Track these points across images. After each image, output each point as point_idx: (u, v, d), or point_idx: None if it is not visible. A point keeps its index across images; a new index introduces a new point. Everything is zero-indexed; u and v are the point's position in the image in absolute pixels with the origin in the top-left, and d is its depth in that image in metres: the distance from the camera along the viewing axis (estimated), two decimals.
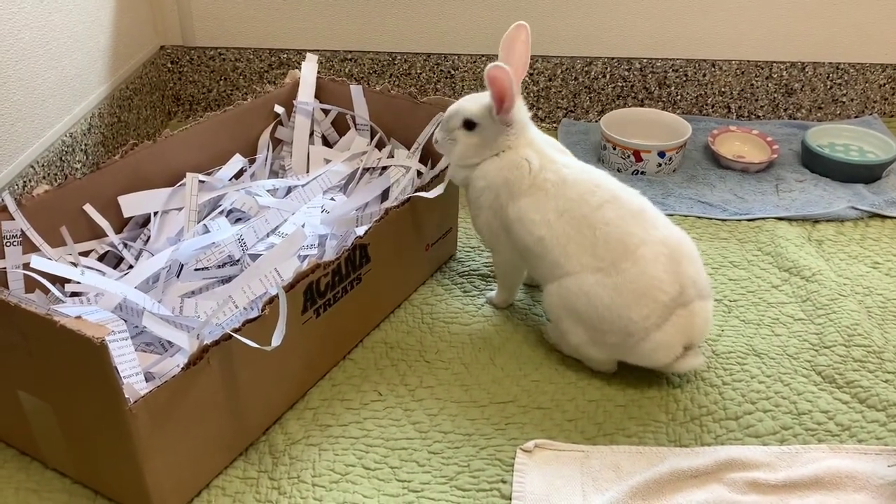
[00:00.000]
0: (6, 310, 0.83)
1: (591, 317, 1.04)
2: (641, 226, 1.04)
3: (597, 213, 1.05)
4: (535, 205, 1.08)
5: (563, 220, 1.06)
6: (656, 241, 1.03)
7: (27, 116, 1.31)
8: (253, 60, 1.83)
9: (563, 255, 1.05)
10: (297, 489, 0.95)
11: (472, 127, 1.12)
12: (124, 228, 1.17)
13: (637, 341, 1.03)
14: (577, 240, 1.05)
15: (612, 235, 1.03)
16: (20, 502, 0.94)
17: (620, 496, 0.93)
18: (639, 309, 1.01)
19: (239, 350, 0.92)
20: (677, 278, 1.02)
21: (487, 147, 1.12)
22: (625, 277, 1.02)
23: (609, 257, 1.03)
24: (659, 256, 1.02)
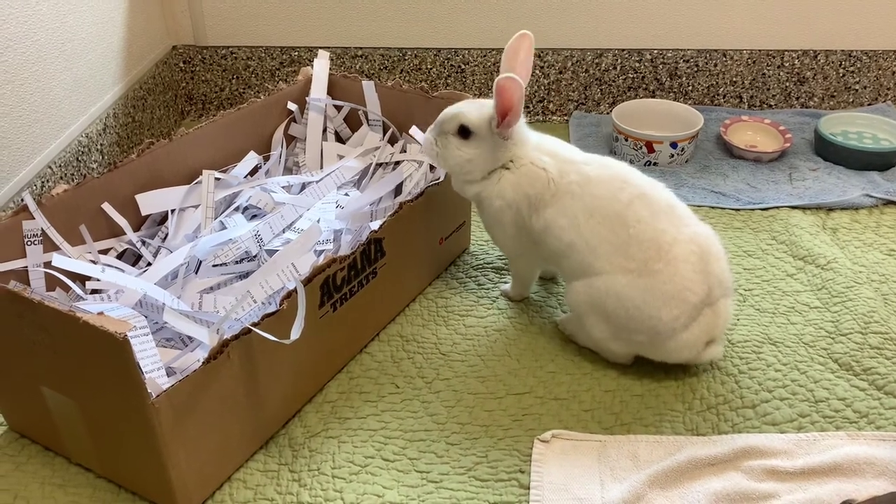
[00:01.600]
0: (30, 307, 0.84)
1: (619, 316, 1.04)
2: (673, 223, 1.03)
3: (628, 211, 1.02)
4: (562, 211, 1.05)
5: (594, 221, 1.03)
6: (687, 240, 1.03)
7: (44, 118, 1.33)
8: (264, 59, 1.84)
9: (594, 255, 1.03)
10: (317, 481, 0.96)
11: (467, 135, 1.07)
12: (142, 226, 1.19)
13: (664, 340, 1.04)
14: (610, 239, 1.02)
15: (645, 234, 1.01)
16: (46, 497, 0.95)
17: (638, 485, 0.93)
18: (669, 310, 1.01)
19: (258, 344, 0.93)
20: (706, 279, 1.02)
21: (486, 160, 1.08)
22: (657, 279, 1.01)
23: (641, 257, 1.01)
24: (690, 256, 1.02)
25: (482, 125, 1.06)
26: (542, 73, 1.82)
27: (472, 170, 1.09)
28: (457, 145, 1.08)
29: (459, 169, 1.10)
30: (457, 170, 1.11)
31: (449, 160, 1.10)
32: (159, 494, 0.92)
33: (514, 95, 1.02)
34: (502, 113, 1.03)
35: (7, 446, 1.02)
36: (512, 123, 1.05)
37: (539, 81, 1.83)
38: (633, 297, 1.02)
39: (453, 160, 1.09)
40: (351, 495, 0.94)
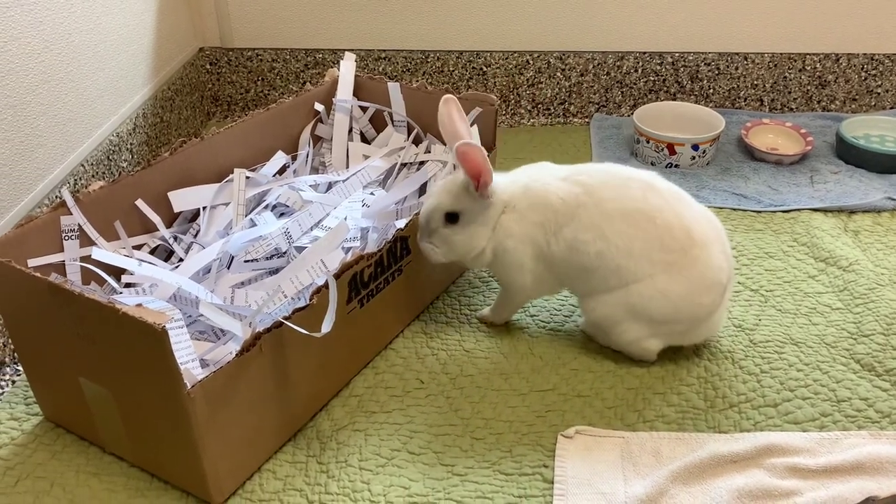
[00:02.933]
0: (70, 298, 0.87)
1: (665, 313, 1.05)
2: (685, 207, 1.05)
3: (646, 204, 1.02)
4: (581, 226, 1.03)
5: (618, 224, 1.02)
6: (705, 221, 1.05)
7: (78, 117, 1.36)
8: (289, 61, 1.87)
9: (629, 258, 1.02)
10: (344, 473, 0.98)
11: (455, 219, 1.06)
12: (174, 223, 1.21)
13: (700, 324, 1.07)
14: (641, 236, 1.02)
15: (672, 223, 1.02)
16: (81, 484, 0.98)
17: (661, 480, 0.94)
18: (709, 295, 1.05)
19: (289, 338, 0.95)
20: (727, 259, 1.06)
21: (485, 226, 1.06)
22: (697, 267, 1.03)
23: (678, 246, 1.02)
24: (714, 240, 1.05)
25: (462, 200, 1.05)
26: (564, 76, 1.84)
27: (479, 243, 1.07)
28: (453, 233, 1.06)
29: (471, 251, 1.08)
30: (470, 253, 1.08)
31: (457, 250, 1.07)
32: (192, 484, 0.95)
33: (477, 158, 1.00)
34: (475, 177, 1.02)
35: (43, 435, 1.05)
36: (489, 182, 1.03)
37: (560, 84, 1.85)
38: (679, 291, 1.03)
39: (460, 248, 1.07)
40: (378, 487, 0.96)
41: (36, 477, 0.99)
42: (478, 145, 1.00)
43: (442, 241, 1.07)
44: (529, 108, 1.88)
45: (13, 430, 1.06)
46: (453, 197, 1.05)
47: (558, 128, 1.85)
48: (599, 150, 1.71)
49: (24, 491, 0.97)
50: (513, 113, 1.89)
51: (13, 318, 0.98)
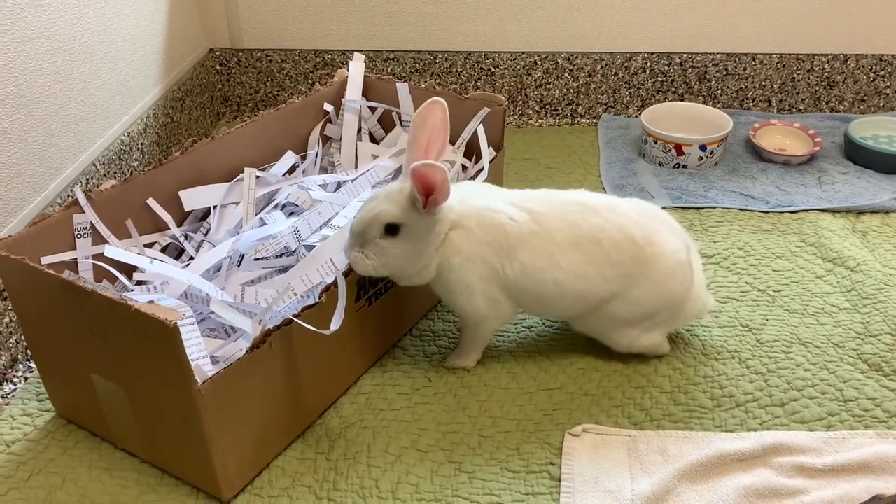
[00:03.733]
0: (82, 295, 0.88)
1: (644, 313, 1.07)
2: (621, 215, 1.05)
3: (589, 227, 1.03)
4: (534, 252, 1.02)
5: (568, 252, 1.02)
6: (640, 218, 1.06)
7: (90, 117, 1.37)
8: (298, 61, 1.88)
9: (587, 282, 1.03)
10: (353, 470, 0.99)
11: (396, 231, 0.97)
12: (184, 222, 1.22)
13: (682, 304, 1.09)
14: (591, 261, 1.02)
15: (616, 237, 1.03)
16: (93, 479, 0.99)
17: (668, 479, 0.95)
18: (676, 280, 1.07)
19: (298, 336, 0.96)
20: (677, 235, 1.09)
21: (428, 243, 0.99)
22: (653, 265, 1.04)
23: (627, 257, 1.03)
24: (657, 230, 1.06)
25: (407, 213, 0.97)
26: (572, 77, 1.84)
27: (419, 261, 1.00)
28: (392, 246, 0.98)
29: (410, 267, 1.00)
30: (407, 270, 1.01)
31: (393, 265, 0.99)
32: (202, 479, 0.95)
33: (434, 179, 0.93)
34: (425, 195, 0.95)
35: (55, 431, 1.06)
36: (440, 202, 0.96)
37: (568, 84, 1.85)
38: (647, 294, 1.05)
39: (398, 263, 0.99)
40: (387, 484, 0.97)
41: (48, 472, 1.00)
42: (440, 168, 0.92)
43: (378, 252, 0.98)
44: (537, 109, 1.88)
45: (26, 425, 1.07)
46: (398, 208, 0.97)
47: (566, 128, 1.86)
48: (607, 150, 1.72)
49: (36, 486, 0.98)
50: (521, 113, 1.89)
51: (26, 316, 1.00)
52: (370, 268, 0.99)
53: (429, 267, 1.02)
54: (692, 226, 1.45)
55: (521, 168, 1.67)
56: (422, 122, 1.00)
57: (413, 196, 0.96)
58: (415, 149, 1.00)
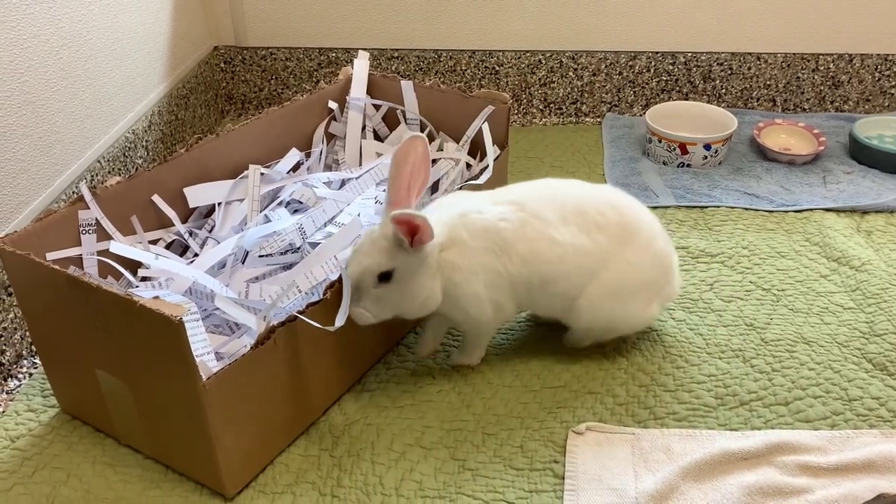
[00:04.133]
0: (88, 291, 0.88)
1: (644, 278, 1.08)
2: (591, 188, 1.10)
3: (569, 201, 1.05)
4: (531, 239, 1.02)
5: (560, 228, 1.03)
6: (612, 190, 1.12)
7: (95, 113, 1.37)
8: (303, 59, 1.88)
9: (584, 253, 1.03)
10: (357, 467, 0.99)
11: (389, 277, 0.96)
12: (189, 219, 1.23)
13: (671, 269, 1.12)
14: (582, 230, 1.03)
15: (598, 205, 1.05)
16: (97, 475, 0.99)
17: (672, 477, 0.95)
18: (661, 239, 1.10)
19: (303, 332, 0.96)
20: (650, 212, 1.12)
21: (421, 276, 0.97)
22: (640, 229, 1.07)
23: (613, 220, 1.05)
24: (631, 200, 1.10)
25: (395, 256, 0.95)
26: (576, 76, 1.84)
27: (421, 294, 0.98)
28: (387, 292, 0.97)
29: (412, 304, 0.99)
30: (410, 307, 1.00)
31: (396, 308, 0.99)
32: (206, 476, 0.96)
33: (415, 224, 0.92)
34: (410, 236, 0.94)
35: (60, 427, 1.06)
36: (426, 241, 0.95)
37: (572, 83, 1.85)
38: (639, 255, 1.06)
39: (399, 304, 0.98)
40: (390, 481, 0.97)
41: (53, 467, 1.00)
42: (422, 217, 0.90)
43: (375, 301, 0.97)
44: (541, 108, 1.88)
45: (30, 421, 1.07)
46: (386, 255, 0.95)
47: (570, 127, 1.86)
48: (611, 149, 1.72)
49: (41, 481, 0.98)
50: (525, 112, 1.89)
51: (32, 311, 1.00)
52: (372, 318, 0.98)
53: (432, 296, 1.00)
54: (696, 225, 1.45)
55: (524, 167, 1.67)
56: (403, 159, 0.97)
57: (398, 238, 0.94)
58: (396, 187, 0.97)
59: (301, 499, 0.95)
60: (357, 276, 0.96)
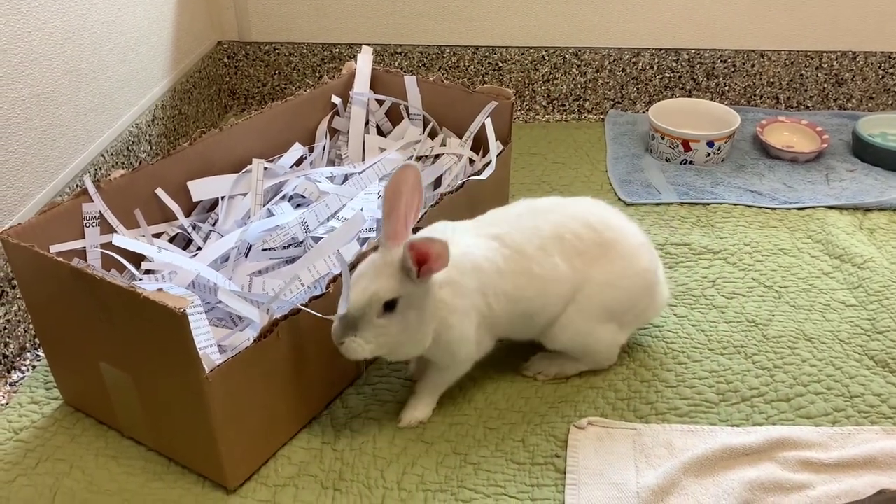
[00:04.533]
0: (92, 283, 0.88)
1: (621, 299, 1.06)
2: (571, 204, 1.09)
3: (549, 228, 1.03)
4: (513, 275, 1.00)
5: (539, 259, 1.01)
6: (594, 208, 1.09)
7: (99, 107, 1.38)
8: (306, 55, 1.88)
9: (561, 282, 1.02)
10: (359, 460, 0.99)
11: (393, 307, 0.90)
12: (192, 212, 1.23)
13: (655, 286, 1.09)
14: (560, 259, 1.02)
15: (576, 228, 1.04)
16: (100, 467, 0.99)
17: (673, 472, 0.95)
18: (645, 257, 1.07)
19: (305, 326, 0.96)
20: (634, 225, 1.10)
21: (421, 310, 0.93)
22: (617, 246, 1.05)
23: (591, 243, 1.04)
24: (611, 214, 1.08)
25: (403, 284, 0.90)
26: (579, 72, 1.84)
27: (420, 329, 0.94)
28: (389, 324, 0.91)
29: (410, 340, 0.94)
30: (406, 344, 0.94)
31: (392, 342, 0.92)
32: (208, 468, 0.96)
33: (431, 253, 0.88)
34: (420, 263, 0.89)
35: (63, 419, 1.06)
36: (437, 270, 0.90)
37: (576, 80, 1.85)
38: (618, 272, 1.04)
39: (397, 338, 0.92)
40: (392, 475, 0.97)
41: (56, 459, 1.00)
42: (442, 242, 0.87)
43: (377, 334, 0.90)
44: (544, 104, 1.88)
45: (34, 413, 1.08)
46: (394, 282, 0.89)
47: (573, 124, 1.86)
48: (614, 146, 1.72)
49: (44, 472, 0.99)
50: (528, 109, 1.89)
51: (35, 304, 1.00)
52: (367, 352, 0.91)
53: (427, 335, 0.95)
54: (699, 222, 1.45)
55: (527, 163, 1.67)
56: (395, 190, 0.92)
57: (405, 266, 0.89)
58: (393, 218, 0.92)
59: (303, 492, 0.95)
60: (363, 303, 0.89)
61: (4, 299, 1.13)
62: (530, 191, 1.56)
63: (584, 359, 1.10)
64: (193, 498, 0.95)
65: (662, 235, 1.40)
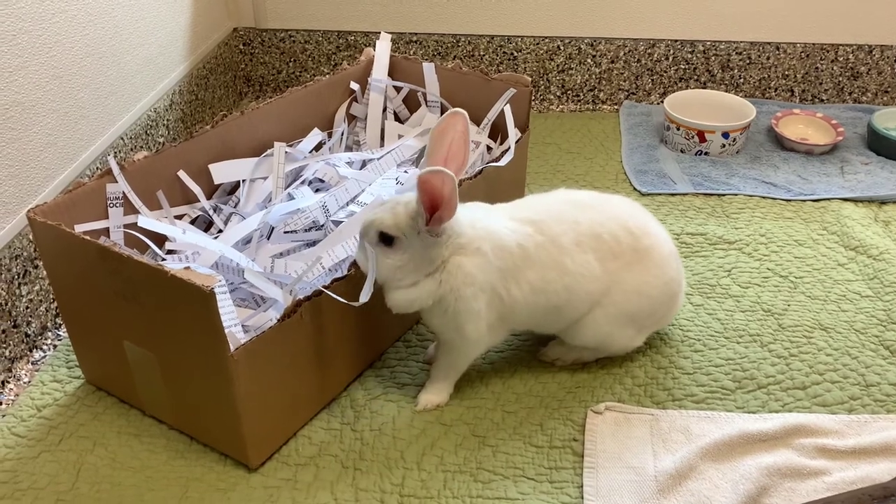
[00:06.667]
0: (119, 262, 0.89)
1: (645, 307, 1.05)
2: (614, 206, 1.06)
3: (588, 223, 1.02)
4: (543, 266, 0.99)
5: (574, 253, 1.00)
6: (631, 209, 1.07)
7: (119, 91, 1.38)
8: (321, 42, 1.88)
9: (593, 280, 1.01)
10: (379, 441, 1.00)
11: (389, 242, 0.93)
12: (213, 195, 1.24)
13: (678, 294, 1.10)
14: (596, 257, 1.01)
15: (614, 229, 1.03)
16: (123, 445, 1.01)
17: (691, 456, 0.96)
18: (671, 267, 1.07)
19: (327, 307, 0.97)
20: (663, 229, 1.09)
21: (417, 263, 0.94)
22: (652, 254, 1.04)
23: (627, 247, 1.03)
24: (648, 219, 1.07)
25: (403, 227, 0.92)
26: (594, 63, 1.84)
27: (403, 277, 0.95)
28: (384, 255, 0.93)
29: (390, 277, 0.95)
30: (388, 279, 0.96)
31: (380, 272, 0.94)
32: (231, 446, 0.97)
33: (441, 191, 0.88)
34: (430, 210, 0.90)
35: (85, 397, 1.08)
36: (445, 218, 0.90)
37: (590, 70, 1.85)
38: (648, 281, 1.04)
39: (383, 270, 0.94)
40: (412, 455, 0.98)
41: (79, 437, 1.02)
42: (449, 177, 0.86)
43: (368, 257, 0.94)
44: (559, 94, 1.89)
45: (56, 391, 1.09)
46: (394, 219, 0.92)
47: (587, 114, 1.86)
48: (629, 136, 1.72)
49: (67, 449, 1.00)
50: (542, 98, 1.89)
51: (60, 282, 1.01)
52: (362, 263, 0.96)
53: (419, 296, 0.95)
54: (714, 212, 1.45)
55: (542, 153, 1.68)
56: (440, 134, 0.93)
57: (416, 211, 0.91)
58: (431, 162, 0.94)
59: (324, 471, 0.97)
60: (364, 226, 0.94)
61: (27, 278, 1.14)
62: (546, 180, 1.56)
63: (597, 352, 1.11)
64: (216, 476, 0.96)
65: (678, 225, 1.41)
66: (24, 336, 1.14)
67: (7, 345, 1.11)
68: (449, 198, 0.88)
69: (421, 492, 0.94)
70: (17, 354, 1.13)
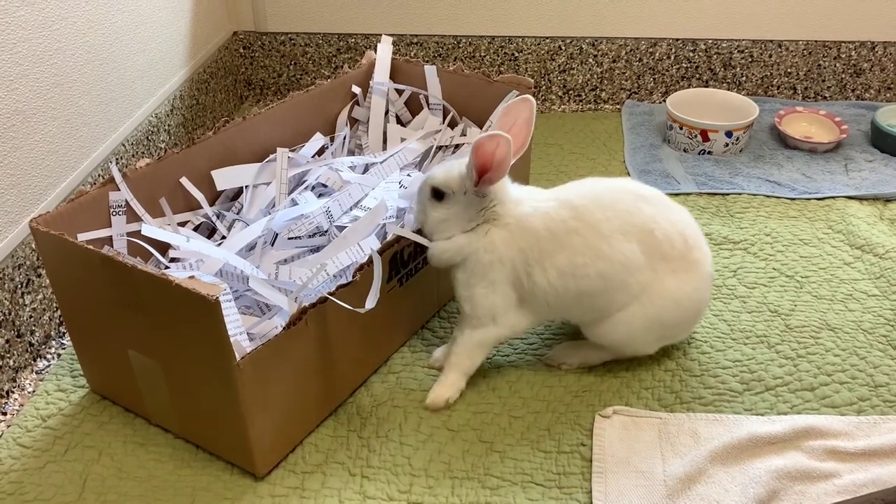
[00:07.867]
0: (123, 271, 0.89)
1: (676, 317, 1.05)
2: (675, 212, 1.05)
3: (642, 217, 1.01)
4: (574, 251, 1.00)
5: (617, 241, 0.99)
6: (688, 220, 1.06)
7: (120, 97, 1.38)
8: (322, 45, 1.88)
9: (635, 272, 1.00)
10: (385, 447, 1.00)
11: (441, 197, 1.02)
12: (216, 201, 1.23)
13: (701, 315, 1.10)
14: (642, 250, 1.00)
15: (670, 231, 1.02)
16: (129, 454, 1.00)
17: (700, 460, 0.95)
18: (707, 288, 1.07)
19: (332, 314, 0.96)
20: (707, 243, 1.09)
21: (460, 218, 1.02)
22: (698, 268, 1.04)
23: (678, 253, 1.02)
24: (699, 235, 1.06)
25: (453, 184, 1.01)
26: (596, 62, 1.83)
27: (444, 230, 1.03)
28: (433, 209, 1.03)
29: (434, 229, 1.03)
30: (433, 231, 1.04)
31: (428, 223, 1.04)
32: (237, 455, 0.96)
33: (495, 154, 0.95)
34: (480, 171, 0.98)
35: (90, 407, 1.07)
36: (493, 180, 0.98)
37: (592, 70, 1.84)
38: (687, 293, 1.03)
39: (430, 222, 1.03)
40: (419, 461, 0.98)
41: (84, 446, 1.01)
42: (505, 140, 0.94)
43: (422, 210, 1.04)
44: (561, 94, 1.88)
45: (60, 401, 1.08)
46: (446, 176, 1.02)
47: (589, 114, 1.85)
48: (631, 136, 1.71)
49: (73, 459, 0.99)
50: (544, 99, 1.89)
51: (64, 292, 1.01)
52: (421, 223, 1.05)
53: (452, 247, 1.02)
54: (718, 212, 1.45)
55: (545, 153, 1.67)
56: (507, 113, 1.03)
57: (467, 171, 0.99)
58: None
59: (331, 478, 0.96)
60: (420, 184, 1.04)
61: (31, 287, 1.13)
62: (549, 181, 1.55)
63: (610, 351, 1.10)
64: (223, 484, 0.96)
65: None
66: (27, 345, 1.14)
67: (11, 354, 1.10)
68: (500, 160, 0.96)
69: (429, 498, 0.93)
70: (21, 364, 1.12)
